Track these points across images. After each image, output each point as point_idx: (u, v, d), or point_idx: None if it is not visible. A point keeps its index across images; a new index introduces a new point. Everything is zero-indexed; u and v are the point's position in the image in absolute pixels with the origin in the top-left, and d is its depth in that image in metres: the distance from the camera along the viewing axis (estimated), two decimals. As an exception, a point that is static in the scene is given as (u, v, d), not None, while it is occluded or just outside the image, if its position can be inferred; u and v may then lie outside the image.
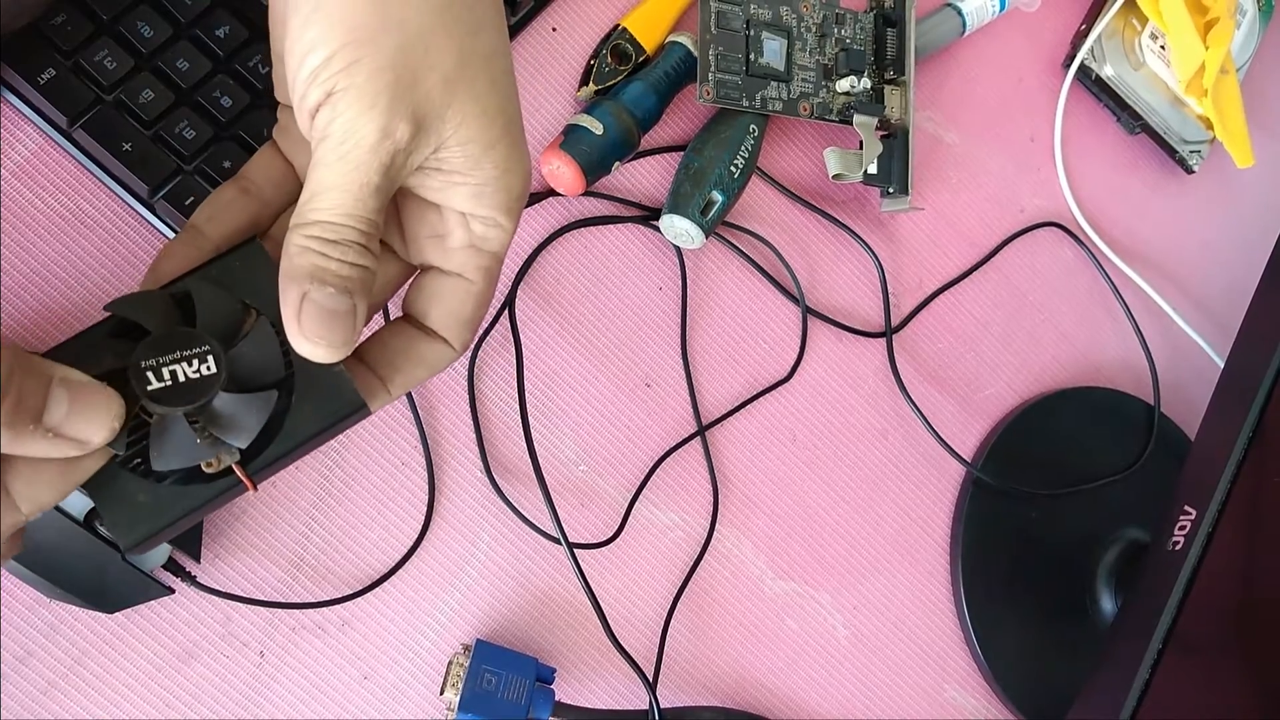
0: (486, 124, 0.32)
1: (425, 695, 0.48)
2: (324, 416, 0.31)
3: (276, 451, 0.31)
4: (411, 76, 0.30)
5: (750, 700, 0.53)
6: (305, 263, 0.30)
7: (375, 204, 0.31)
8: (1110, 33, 0.65)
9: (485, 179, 0.32)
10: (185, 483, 0.30)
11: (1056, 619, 0.59)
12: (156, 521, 0.30)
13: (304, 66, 0.30)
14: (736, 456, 0.55)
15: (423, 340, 0.35)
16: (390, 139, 0.30)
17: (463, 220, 0.34)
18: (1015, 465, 0.59)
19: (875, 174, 0.57)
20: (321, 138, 0.30)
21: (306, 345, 0.30)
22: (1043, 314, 0.64)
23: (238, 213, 0.34)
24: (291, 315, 0.30)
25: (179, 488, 0.30)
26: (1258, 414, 0.50)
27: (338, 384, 0.32)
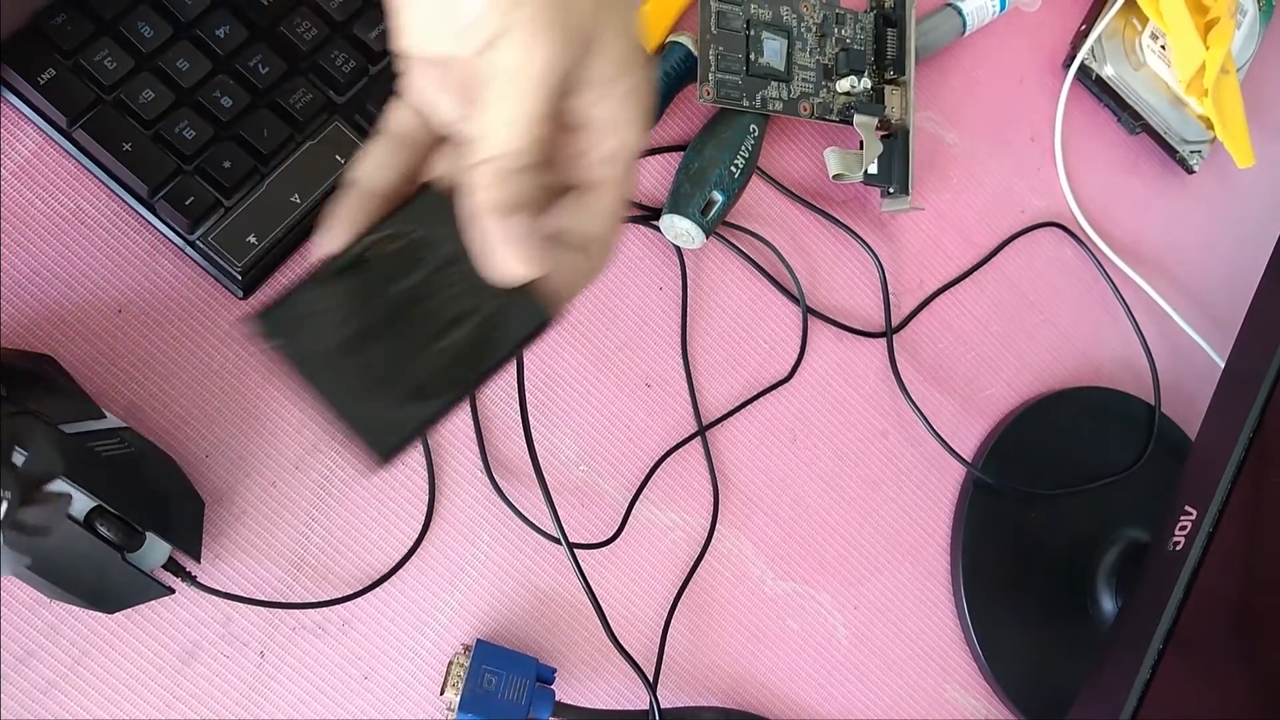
0: (628, 31, 0.34)
1: (425, 695, 0.48)
2: (520, 332, 0.35)
3: (483, 366, 0.34)
4: (565, 3, 0.32)
5: (750, 700, 0.53)
6: (489, 198, 0.33)
7: (546, 131, 0.33)
8: (1111, 33, 0.65)
9: (631, 84, 0.34)
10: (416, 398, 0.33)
11: (1056, 619, 0.59)
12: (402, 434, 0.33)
13: (463, 14, 0.32)
14: (737, 456, 0.55)
15: (574, 255, 0.36)
16: (556, 69, 0.32)
17: (610, 128, 0.35)
18: (1015, 465, 0.59)
19: (875, 174, 0.57)
20: (490, 76, 0.32)
21: (499, 273, 0.33)
22: (1043, 314, 0.64)
23: (395, 164, 0.36)
24: (485, 248, 0.33)
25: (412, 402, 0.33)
26: (1258, 414, 0.50)
27: (527, 302, 0.34)
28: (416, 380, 0.33)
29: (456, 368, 0.34)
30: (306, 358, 0.33)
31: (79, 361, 0.45)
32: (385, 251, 0.34)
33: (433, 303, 0.34)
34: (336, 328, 0.33)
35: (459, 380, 0.34)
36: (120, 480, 0.41)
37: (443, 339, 0.34)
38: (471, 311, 0.34)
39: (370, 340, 0.33)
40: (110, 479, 0.40)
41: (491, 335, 0.34)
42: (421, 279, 0.34)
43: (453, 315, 0.34)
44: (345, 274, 0.34)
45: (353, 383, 0.33)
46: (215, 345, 0.47)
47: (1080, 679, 0.51)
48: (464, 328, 0.34)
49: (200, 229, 0.45)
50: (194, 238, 0.45)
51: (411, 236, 0.34)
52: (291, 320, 0.33)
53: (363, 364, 0.33)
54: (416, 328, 0.34)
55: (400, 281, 0.34)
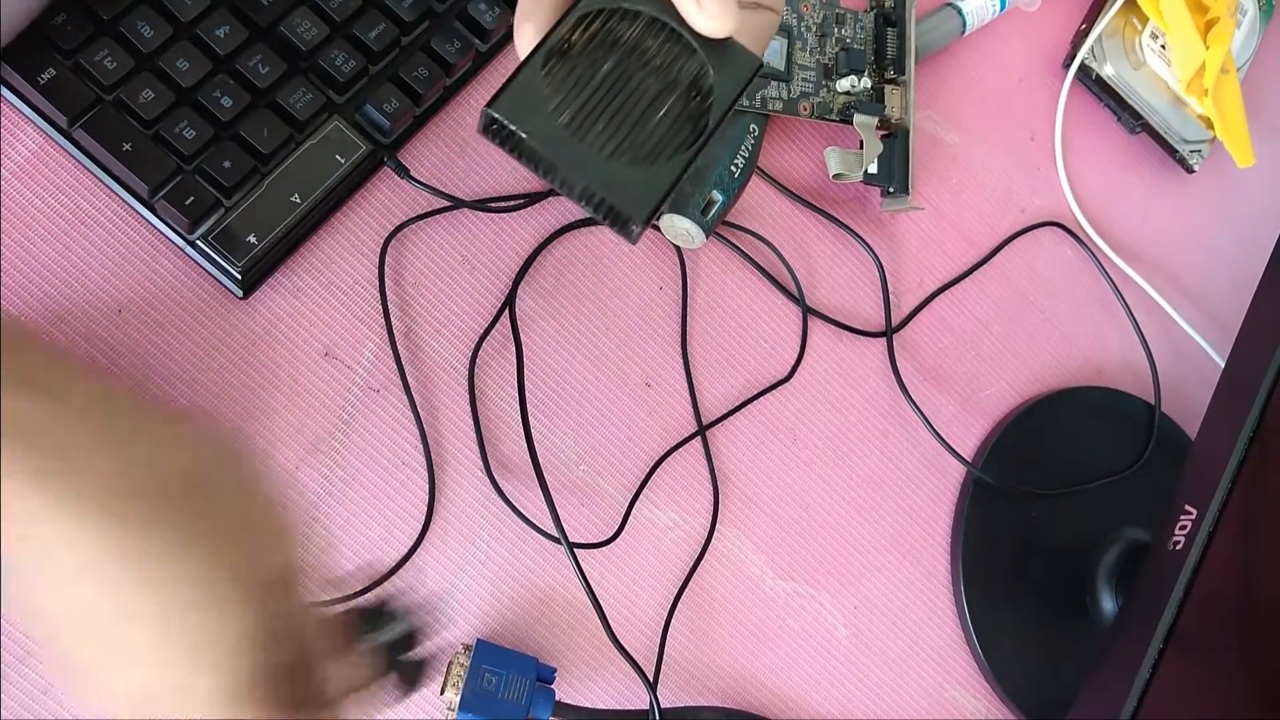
0: None
1: (425, 695, 0.48)
2: (738, 79, 0.37)
3: (714, 123, 0.36)
4: None
5: (750, 700, 0.53)
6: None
7: None
8: (1110, 32, 0.65)
9: None
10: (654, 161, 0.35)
11: (1056, 619, 0.59)
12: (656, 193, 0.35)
13: None
14: (737, 456, 0.55)
15: (752, 15, 0.38)
16: None
17: None
18: (1015, 465, 0.59)
19: (876, 173, 0.57)
20: None
21: (708, 23, 0.35)
22: (1043, 314, 0.64)
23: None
24: (690, 4, 0.35)
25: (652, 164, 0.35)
26: (1258, 414, 0.50)
27: (735, 52, 0.37)
28: (649, 146, 0.35)
29: (682, 128, 0.36)
30: (543, 138, 0.34)
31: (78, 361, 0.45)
32: (584, 34, 0.35)
33: (640, 76, 0.36)
34: (559, 111, 0.34)
35: (690, 138, 0.36)
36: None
37: (660, 106, 0.36)
38: (678, 78, 0.36)
39: (593, 118, 0.35)
40: (110, 479, 0.40)
41: (706, 93, 0.36)
42: (623, 55, 0.36)
43: (663, 84, 0.36)
44: (552, 62, 0.35)
45: (590, 157, 0.34)
46: (215, 345, 0.47)
47: (1080, 679, 0.51)
48: (676, 92, 0.36)
49: (200, 229, 0.45)
50: (194, 238, 0.45)
51: (605, 14, 0.36)
52: (519, 106, 0.34)
53: (593, 140, 0.35)
54: (632, 101, 0.35)
55: (604, 62, 0.35)
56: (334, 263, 0.49)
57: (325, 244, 0.49)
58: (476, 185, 0.52)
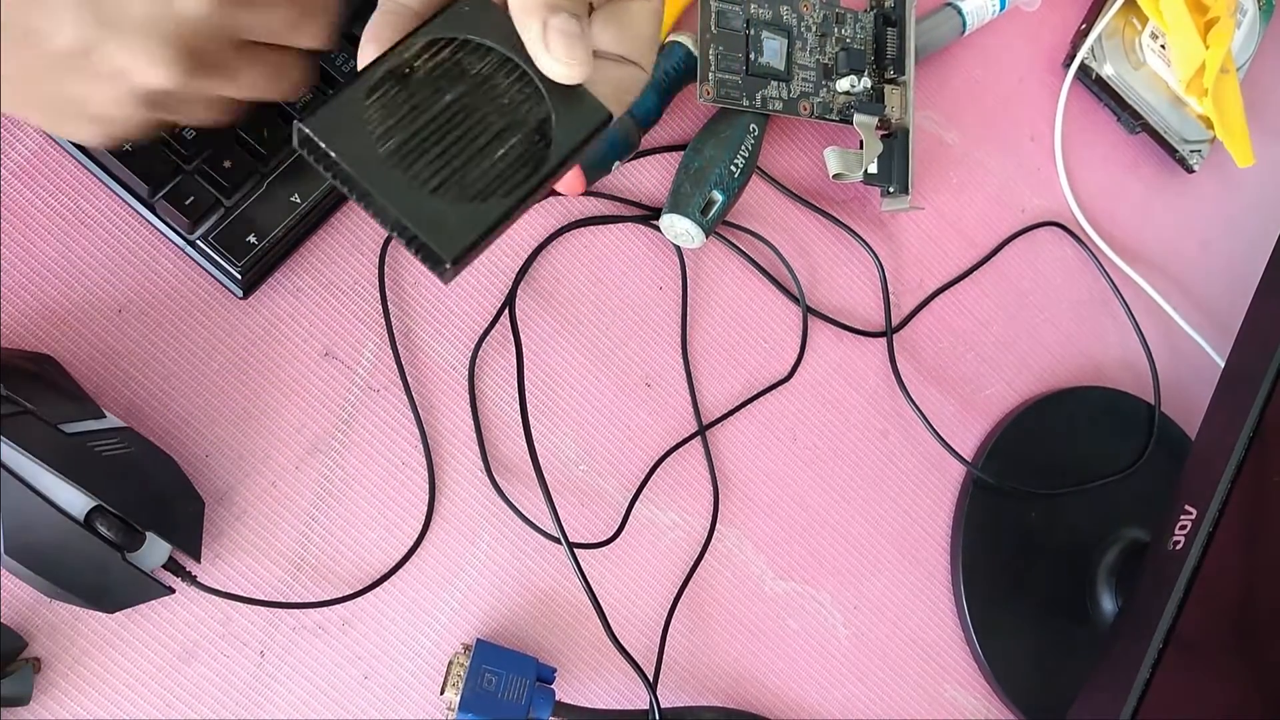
0: None
1: (425, 695, 0.48)
2: (581, 130, 0.35)
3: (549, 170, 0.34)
4: None
5: (750, 700, 0.53)
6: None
7: None
8: (1110, 32, 0.65)
9: None
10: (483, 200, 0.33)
11: (1056, 619, 0.59)
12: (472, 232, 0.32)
13: None
14: (737, 456, 0.55)
15: (615, 67, 0.36)
16: None
17: None
18: (1015, 465, 0.59)
19: (875, 173, 0.57)
20: None
21: (557, 67, 0.33)
22: (1043, 314, 0.64)
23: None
24: (538, 44, 0.33)
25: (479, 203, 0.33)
26: (1258, 414, 0.50)
27: (583, 100, 0.35)
28: (478, 184, 0.33)
29: (519, 170, 0.33)
30: (358, 161, 0.32)
31: (79, 361, 0.45)
32: (428, 61, 0.33)
33: (483, 111, 0.34)
34: (385, 136, 0.32)
35: (525, 180, 0.33)
36: (120, 480, 0.41)
37: (499, 146, 0.33)
38: (524, 119, 0.34)
39: (423, 149, 0.32)
40: (110, 479, 0.41)
41: (551, 139, 0.34)
42: (468, 88, 0.34)
43: (506, 123, 0.34)
44: (388, 84, 0.33)
45: (410, 187, 0.32)
46: (215, 345, 0.47)
47: (1080, 679, 0.51)
48: (518, 134, 0.34)
49: (200, 229, 0.45)
50: (194, 238, 0.45)
51: (454, 44, 0.34)
52: (338, 126, 0.32)
53: (418, 170, 0.32)
54: (469, 136, 0.33)
55: (447, 91, 0.33)
56: (334, 263, 0.49)
57: (325, 244, 0.49)
58: (476, 185, 0.52)
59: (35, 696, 0.42)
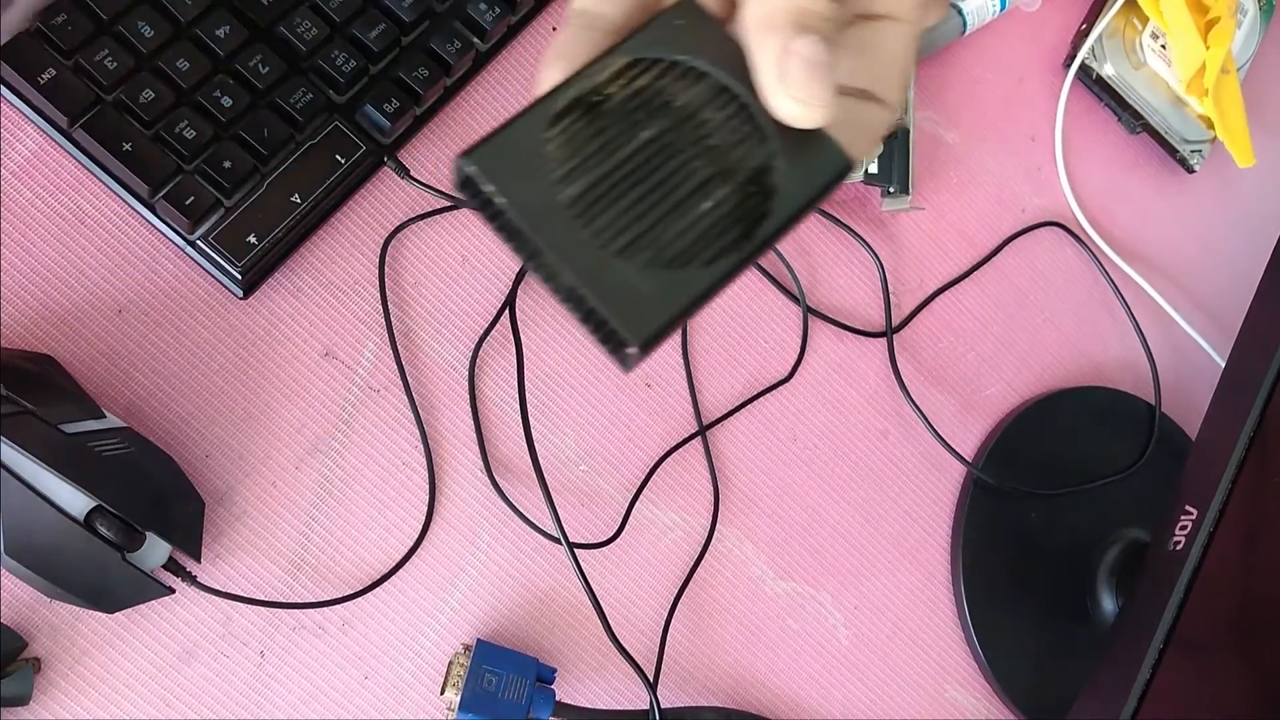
0: None
1: (425, 695, 0.48)
2: (814, 180, 0.28)
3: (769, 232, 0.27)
4: None
5: (750, 700, 0.53)
6: (787, 8, 0.26)
7: None
8: (1111, 32, 0.65)
9: None
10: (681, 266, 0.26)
11: (1056, 619, 0.59)
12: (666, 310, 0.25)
13: None
14: (737, 456, 0.55)
15: (857, 105, 0.29)
16: None
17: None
18: (1015, 465, 0.59)
19: (876, 173, 0.57)
20: None
21: (793, 107, 0.26)
22: (1043, 314, 0.64)
23: None
24: (771, 73, 0.26)
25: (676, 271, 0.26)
26: (1259, 414, 0.50)
27: (820, 145, 0.28)
28: (677, 247, 0.26)
29: (728, 231, 0.26)
30: (530, 210, 0.25)
31: (79, 361, 0.45)
32: (625, 87, 0.27)
33: (687, 153, 0.27)
34: (566, 180, 0.26)
35: (735, 245, 0.26)
36: (120, 480, 0.41)
37: (704, 198, 0.27)
38: (738, 165, 0.27)
39: (611, 198, 0.26)
40: (110, 479, 0.41)
41: (772, 192, 0.27)
42: (671, 123, 0.27)
43: (715, 169, 0.27)
44: (574, 114, 0.26)
45: (593, 246, 0.25)
46: (215, 345, 0.47)
47: (1080, 679, 0.51)
48: (730, 184, 0.27)
49: (200, 229, 0.45)
50: (194, 238, 0.45)
51: (659, 67, 0.27)
52: (508, 163, 0.25)
53: (604, 225, 0.25)
54: (669, 184, 0.26)
55: (644, 126, 0.27)
56: (334, 263, 0.49)
57: (325, 244, 0.49)
58: (476, 185, 0.52)
59: (35, 696, 0.42)
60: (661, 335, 0.25)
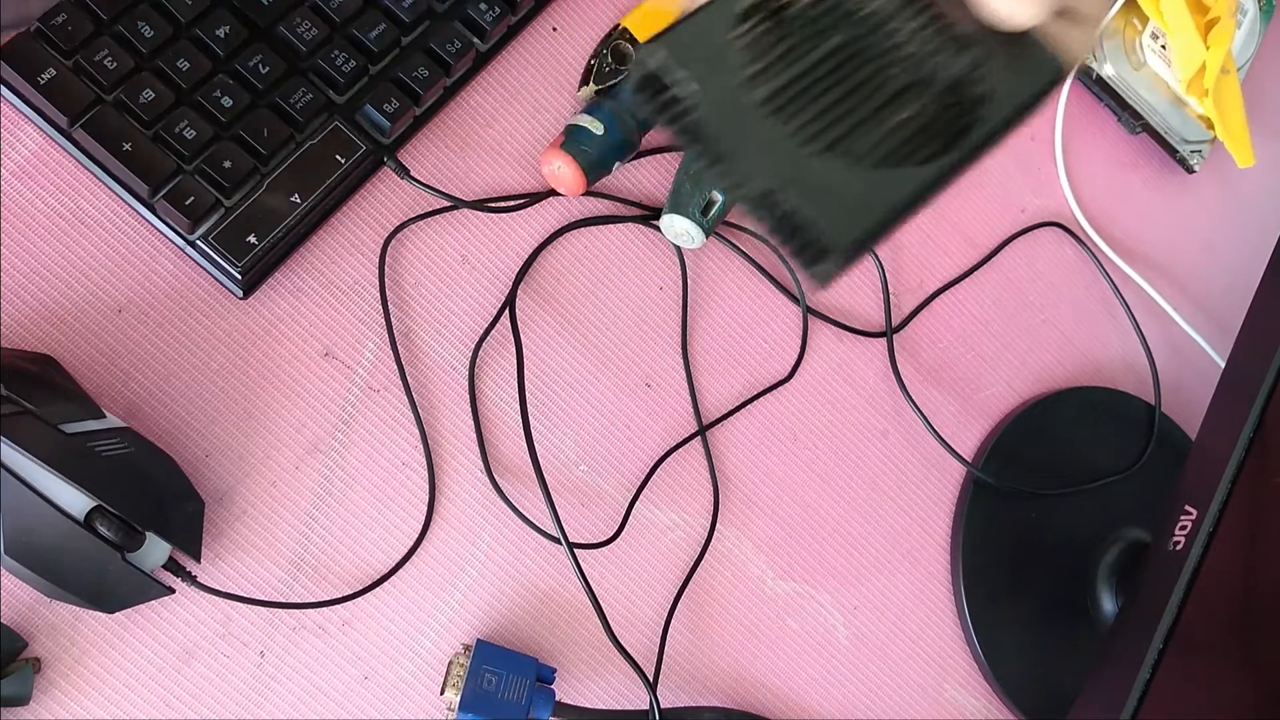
0: None
1: (425, 695, 0.48)
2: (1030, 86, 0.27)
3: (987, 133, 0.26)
4: None
5: (750, 700, 0.53)
6: None
7: None
8: (1111, 32, 0.65)
9: None
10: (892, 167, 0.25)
11: (1056, 619, 0.59)
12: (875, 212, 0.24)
13: None
14: (737, 456, 0.55)
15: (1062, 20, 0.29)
16: None
17: None
18: (1015, 465, 0.59)
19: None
20: None
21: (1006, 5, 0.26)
22: (1043, 314, 0.64)
23: None
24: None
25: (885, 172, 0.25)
26: (1258, 414, 0.50)
27: (1031, 50, 0.27)
28: (879, 151, 0.25)
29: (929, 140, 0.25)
30: (721, 106, 0.23)
31: (79, 361, 0.45)
32: None
33: (881, 62, 0.25)
34: (755, 80, 0.24)
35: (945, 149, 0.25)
36: (120, 480, 0.41)
37: (903, 106, 0.25)
38: (934, 75, 0.26)
39: (803, 102, 0.24)
40: (110, 479, 0.41)
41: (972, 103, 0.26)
42: (862, 32, 0.26)
43: (912, 79, 0.26)
44: (758, 17, 0.25)
45: (785, 149, 0.23)
46: (215, 345, 0.47)
47: (1080, 679, 0.51)
48: (928, 93, 0.26)
49: (200, 229, 0.45)
50: (194, 238, 0.45)
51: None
52: (697, 56, 0.24)
53: (795, 129, 0.24)
54: (864, 91, 0.25)
55: (833, 33, 0.25)
56: (334, 263, 0.49)
57: (325, 244, 0.49)
58: (476, 185, 0.52)
59: (35, 696, 0.42)
60: (866, 243, 0.24)
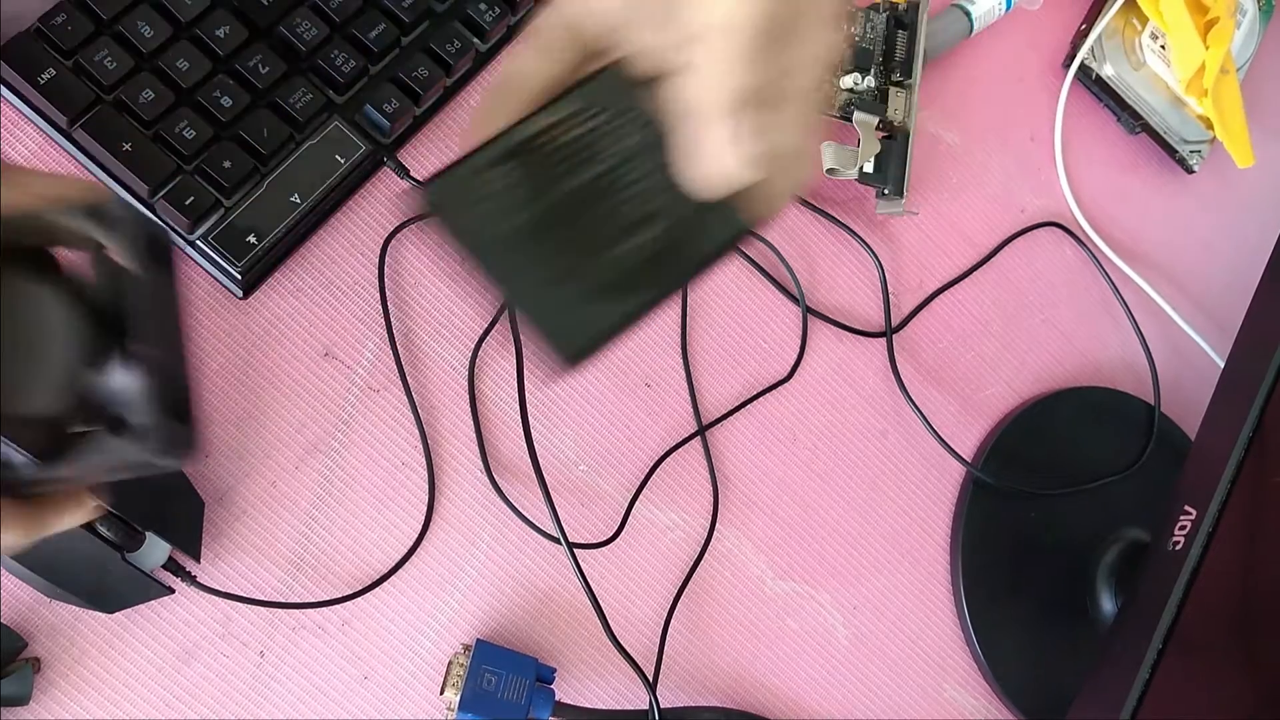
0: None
1: (425, 695, 0.48)
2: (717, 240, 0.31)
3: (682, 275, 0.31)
4: None
5: (750, 700, 0.53)
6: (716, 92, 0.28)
7: None
8: (1110, 32, 0.65)
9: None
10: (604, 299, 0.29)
11: (1056, 619, 0.59)
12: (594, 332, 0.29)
13: None
14: (736, 456, 0.55)
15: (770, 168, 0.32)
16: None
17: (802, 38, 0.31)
18: (1015, 465, 0.59)
19: (872, 174, 0.57)
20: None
21: (703, 178, 0.29)
22: (1043, 314, 0.64)
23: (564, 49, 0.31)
24: (690, 146, 0.29)
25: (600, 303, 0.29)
26: (1258, 414, 0.50)
27: (725, 208, 0.31)
28: (610, 275, 0.29)
29: (655, 268, 0.30)
30: (478, 238, 0.28)
31: (79, 361, 0.45)
32: (565, 134, 0.30)
33: (617, 198, 0.30)
34: (509, 213, 0.29)
35: (656, 280, 0.30)
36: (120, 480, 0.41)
37: (633, 237, 0.30)
38: (663, 210, 0.30)
39: (549, 231, 0.29)
40: (110, 479, 0.40)
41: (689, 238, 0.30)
42: (603, 171, 0.30)
43: (642, 213, 0.30)
44: (517, 157, 0.30)
45: (533, 271, 0.29)
46: (215, 345, 0.47)
47: (1080, 679, 0.51)
48: (659, 226, 0.30)
49: (200, 229, 0.45)
50: (194, 238, 0.45)
51: (591, 123, 0.30)
52: (460, 195, 0.29)
53: (544, 253, 0.29)
54: (602, 222, 0.30)
55: (578, 173, 0.30)
56: (334, 263, 0.49)
57: (325, 244, 0.49)
58: (476, 185, 0.52)
59: (35, 696, 0.42)
60: (590, 352, 0.29)
